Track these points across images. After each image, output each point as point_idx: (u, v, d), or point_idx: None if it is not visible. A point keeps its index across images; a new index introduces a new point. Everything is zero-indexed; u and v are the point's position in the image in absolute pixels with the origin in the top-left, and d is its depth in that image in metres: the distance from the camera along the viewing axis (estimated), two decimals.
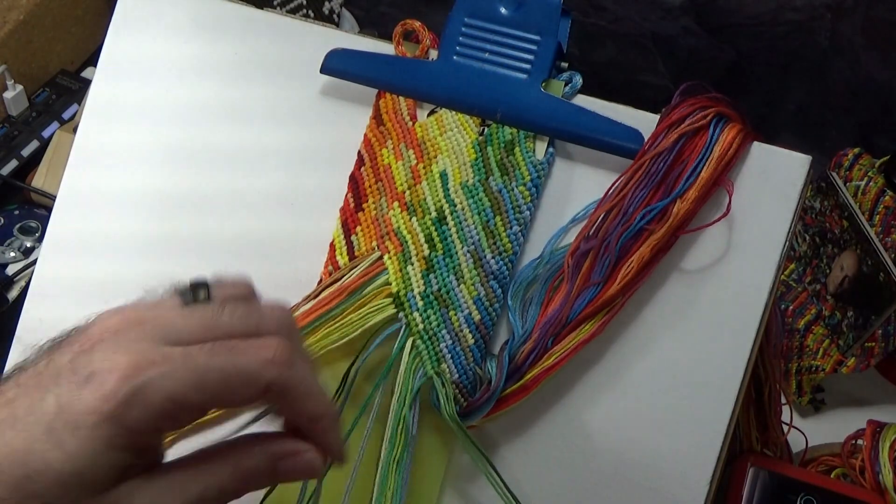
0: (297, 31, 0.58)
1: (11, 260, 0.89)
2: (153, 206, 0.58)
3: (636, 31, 0.97)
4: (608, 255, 0.51)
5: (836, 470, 0.69)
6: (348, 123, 0.57)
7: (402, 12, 1.02)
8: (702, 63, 0.97)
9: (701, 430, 0.52)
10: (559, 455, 0.53)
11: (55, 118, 0.99)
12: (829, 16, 0.93)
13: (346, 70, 0.56)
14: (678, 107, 0.53)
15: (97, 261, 0.58)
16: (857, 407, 0.84)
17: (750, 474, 0.61)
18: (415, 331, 0.53)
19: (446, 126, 0.55)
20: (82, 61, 1.08)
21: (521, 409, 0.53)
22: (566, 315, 0.51)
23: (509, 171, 0.54)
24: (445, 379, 0.52)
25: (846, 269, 0.81)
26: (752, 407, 0.62)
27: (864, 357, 0.80)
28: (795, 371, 0.84)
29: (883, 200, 0.78)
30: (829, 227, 0.83)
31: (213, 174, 0.58)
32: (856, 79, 0.94)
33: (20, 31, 0.98)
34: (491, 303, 0.53)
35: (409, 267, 0.53)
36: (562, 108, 0.54)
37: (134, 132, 0.59)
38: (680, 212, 0.51)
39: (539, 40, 0.55)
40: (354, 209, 0.55)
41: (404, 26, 0.56)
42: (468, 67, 0.55)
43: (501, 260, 0.53)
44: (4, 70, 0.97)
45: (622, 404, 0.53)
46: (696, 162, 0.51)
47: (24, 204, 0.95)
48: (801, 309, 0.86)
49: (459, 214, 0.54)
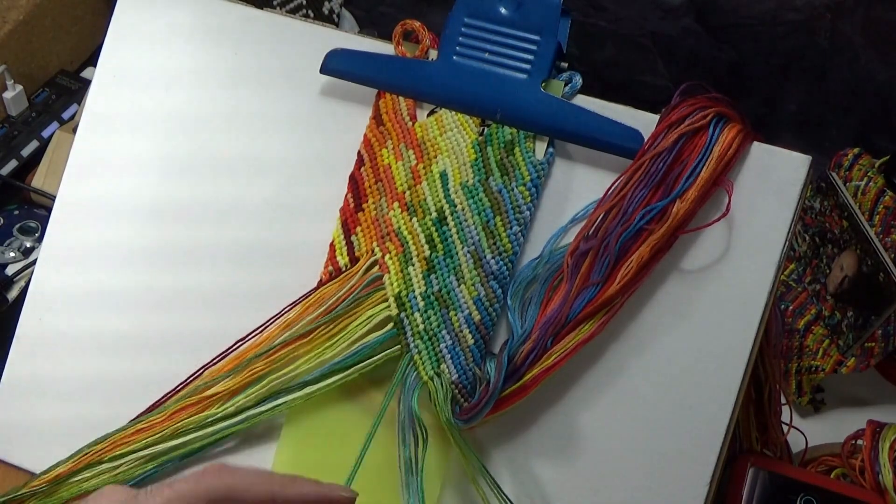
0: (297, 31, 0.58)
1: (11, 260, 0.88)
2: (153, 207, 0.58)
3: (636, 31, 0.97)
4: (608, 255, 0.51)
5: (835, 470, 0.69)
6: (348, 123, 0.57)
7: (402, 12, 1.02)
8: (702, 63, 0.97)
9: (701, 430, 0.52)
10: (559, 455, 0.53)
11: (55, 118, 0.98)
12: (829, 16, 0.92)
13: (346, 70, 0.56)
14: (678, 107, 0.53)
15: (97, 260, 0.58)
16: (856, 407, 0.84)
17: (750, 474, 0.61)
18: (415, 331, 0.53)
19: (446, 126, 0.55)
20: (82, 61, 1.08)
21: (521, 409, 0.53)
22: (565, 315, 0.51)
23: (509, 171, 0.54)
24: (445, 380, 0.52)
25: (846, 269, 0.81)
26: (751, 407, 0.62)
27: (864, 357, 0.80)
28: (795, 371, 0.84)
29: (883, 200, 0.78)
30: (829, 227, 0.83)
31: (213, 174, 0.58)
32: (856, 79, 0.94)
33: (20, 31, 0.98)
34: (491, 303, 0.53)
35: (411, 267, 0.53)
36: (562, 108, 0.54)
37: (134, 131, 0.59)
38: (679, 212, 0.51)
39: (539, 40, 0.55)
40: (354, 209, 0.55)
41: (404, 26, 0.56)
42: (468, 67, 0.55)
43: (501, 260, 0.53)
44: (4, 70, 0.97)
45: (621, 404, 0.53)
46: (695, 162, 0.51)
47: (24, 204, 0.95)
48: (801, 309, 0.86)
49: (459, 215, 0.54)
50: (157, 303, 0.58)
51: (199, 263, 0.57)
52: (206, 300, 0.57)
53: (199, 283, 0.57)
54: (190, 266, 0.58)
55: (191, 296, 0.57)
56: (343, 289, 0.54)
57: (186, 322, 0.57)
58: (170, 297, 0.58)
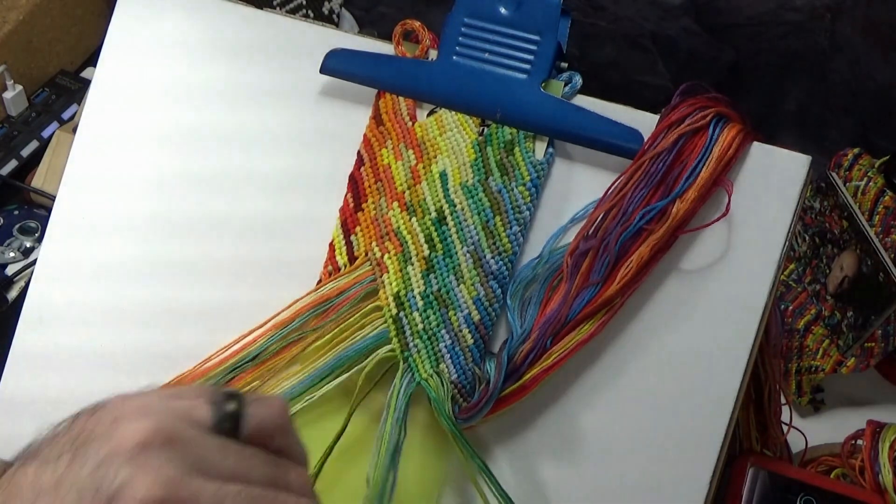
0: (297, 31, 0.58)
1: (11, 260, 0.89)
2: (152, 209, 0.58)
3: (636, 32, 0.97)
4: (607, 255, 0.51)
5: (835, 470, 0.69)
6: (348, 123, 0.57)
7: (401, 12, 1.02)
8: (702, 63, 0.97)
9: (701, 430, 0.52)
10: (558, 455, 0.53)
11: (55, 118, 0.99)
12: (829, 16, 0.92)
13: (346, 70, 0.56)
14: (678, 107, 0.53)
15: (99, 248, 0.58)
16: (856, 407, 0.84)
17: (750, 474, 0.61)
18: (414, 331, 0.53)
19: (446, 126, 0.55)
20: (82, 61, 1.08)
21: (520, 409, 0.53)
22: (565, 315, 0.51)
23: (509, 171, 0.54)
24: (444, 379, 0.52)
25: (846, 269, 0.81)
26: (751, 407, 0.62)
27: (864, 357, 0.80)
28: (795, 371, 0.84)
29: (883, 200, 0.78)
30: (829, 227, 0.83)
31: (213, 174, 0.58)
32: (856, 79, 0.94)
33: (20, 31, 0.98)
34: (490, 303, 0.53)
35: (410, 267, 0.53)
36: (561, 108, 0.54)
37: (133, 130, 0.59)
38: (679, 212, 0.51)
39: (539, 40, 0.55)
40: (354, 209, 0.55)
41: (404, 26, 0.56)
42: (468, 67, 0.55)
43: (501, 260, 0.53)
44: (4, 70, 0.97)
45: (621, 404, 0.53)
46: (695, 162, 0.51)
47: (24, 204, 0.95)
48: (800, 309, 0.86)
49: (459, 214, 0.54)
50: (151, 316, 0.57)
51: (198, 254, 0.57)
52: (202, 312, 0.57)
53: (197, 294, 0.57)
54: (189, 258, 0.57)
55: (186, 309, 0.57)
56: (341, 287, 0.54)
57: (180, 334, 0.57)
58: (166, 310, 0.57)
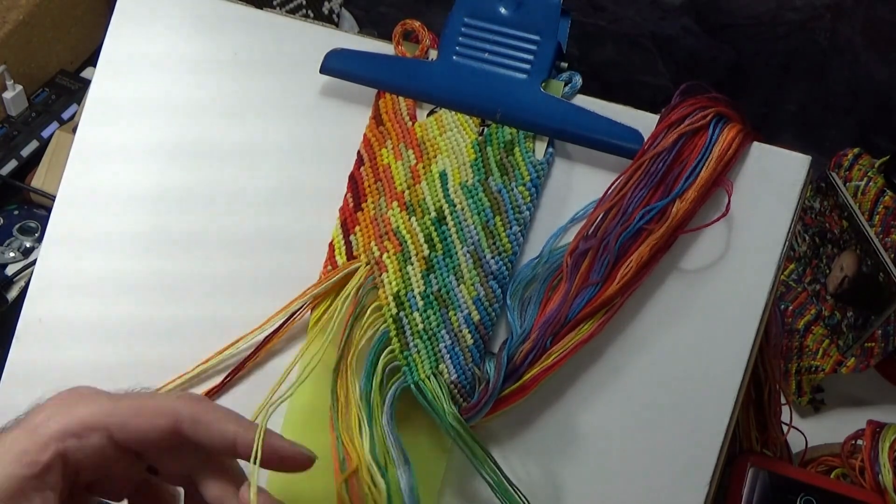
0: (297, 31, 0.58)
1: (11, 260, 0.89)
2: (153, 206, 0.58)
3: (636, 31, 0.97)
4: (607, 255, 0.51)
5: (835, 470, 0.69)
6: (348, 123, 0.57)
7: (401, 12, 1.02)
8: (702, 63, 0.97)
9: (701, 430, 0.52)
10: (558, 456, 0.53)
11: (55, 118, 0.99)
12: (829, 16, 0.93)
13: (346, 70, 0.56)
14: (678, 107, 0.53)
15: (97, 260, 0.58)
16: (856, 407, 0.84)
17: (750, 474, 0.61)
18: (414, 330, 0.53)
19: (446, 126, 0.55)
20: (82, 61, 1.08)
21: (520, 410, 0.53)
22: (565, 314, 0.51)
23: (509, 171, 0.54)
24: (444, 379, 0.52)
25: (846, 269, 0.81)
26: (751, 407, 0.62)
27: (864, 357, 0.80)
28: (795, 371, 0.84)
29: (883, 200, 0.78)
30: (829, 228, 0.83)
31: (212, 174, 0.58)
32: (856, 79, 0.94)
33: (20, 31, 0.98)
34: (490, 303, 0.53)
35: (409, 267, 0.53)
36: (561, 108, 0.54)
37: (132, 133, 0.59)
38: (679, 212, 0.51)
39: (539, 40, 0.55)
40: (353, 209, 0.55)
41: (404, 26, 0.56)
42: (468, 67, 0.55)
43: (501, 260, 0.53)
44: (4, 70, 0.97)
45: (621, 404, 0.53)
46: (695, 162, 0.51)
47: (24, 204, 0.95)
48: (800, 309, 0.86)
49: (459, 214, 0.54)
50: (147, 329, 0.57)
51: (197, 255, 0.57)
52: (199, 325, 0.57)
53: (193, 307, 0.57)
54: (188, 259, 0.57)
55: (186, 291, 0.57)
56: (339, 286, 0.54)
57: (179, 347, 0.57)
58: (167, 287, 0.57)
